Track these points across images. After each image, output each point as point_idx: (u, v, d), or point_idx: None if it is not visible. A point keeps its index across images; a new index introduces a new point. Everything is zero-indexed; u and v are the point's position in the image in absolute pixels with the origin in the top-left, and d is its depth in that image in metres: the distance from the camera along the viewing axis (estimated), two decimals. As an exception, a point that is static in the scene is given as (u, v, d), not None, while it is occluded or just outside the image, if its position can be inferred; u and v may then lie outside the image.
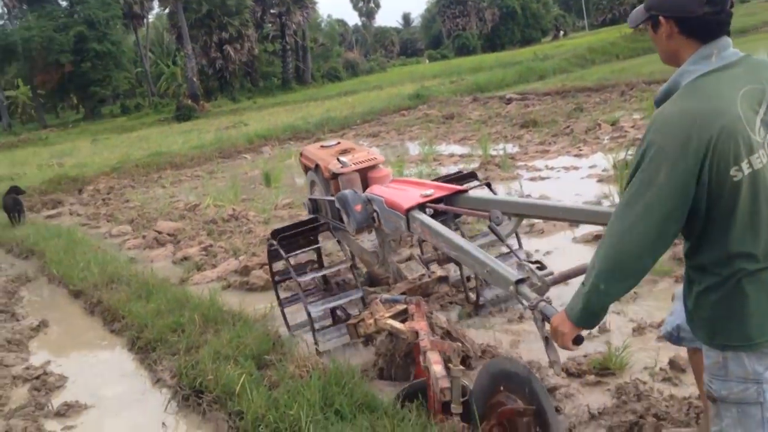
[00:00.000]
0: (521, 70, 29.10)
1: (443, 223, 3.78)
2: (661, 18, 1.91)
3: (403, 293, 3.99)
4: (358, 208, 4.28)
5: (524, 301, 2.61)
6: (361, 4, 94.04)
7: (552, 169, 9.74)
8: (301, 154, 6.03)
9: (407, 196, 3.98)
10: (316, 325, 4.36)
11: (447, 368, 2.85)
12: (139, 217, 10.70)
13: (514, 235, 4.55)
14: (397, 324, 3.36)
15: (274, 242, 4.62)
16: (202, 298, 5.62)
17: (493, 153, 11.60)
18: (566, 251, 6.10)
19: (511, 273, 2.78)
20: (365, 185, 5.02)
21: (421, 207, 3.81)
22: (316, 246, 4.90)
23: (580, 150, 10.61)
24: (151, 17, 63.24)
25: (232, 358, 4.17)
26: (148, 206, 11.88)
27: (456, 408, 2.76)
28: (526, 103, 18.78)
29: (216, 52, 49.34)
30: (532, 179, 9.28)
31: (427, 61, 75.70)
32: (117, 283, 6.50)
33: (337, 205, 4.50)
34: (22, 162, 24.23)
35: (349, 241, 4.99)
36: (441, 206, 3.87)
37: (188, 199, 11.96)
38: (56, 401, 4.44)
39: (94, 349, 5.55)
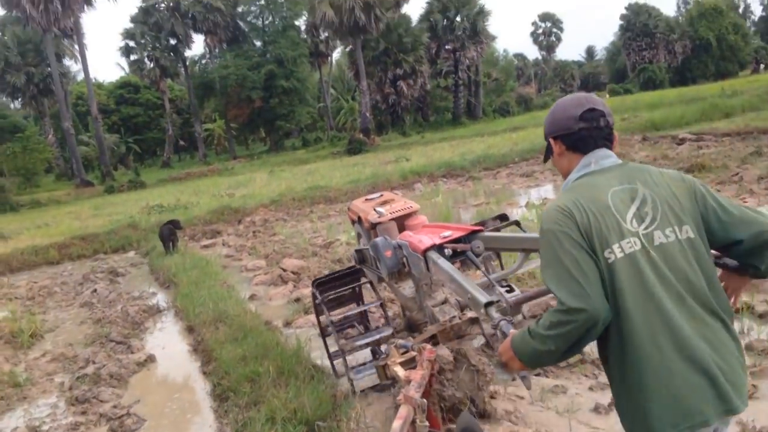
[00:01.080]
0: (704, 107, 26.77)
1: (462, 263, 3.95)
2: (551, 140, 2.22)
3: (433, 336, 3.85)
4: (389, 253, 4.37)
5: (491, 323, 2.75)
6: (541, 38, 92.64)
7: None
8: (348, 209, 6.17)
9: (428, 238, 4.02)
10: (352, 363, 4.76)
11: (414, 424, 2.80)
12: (275, 252, 11.00)
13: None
14: (399, 371, 3.32)
15: (315, 291, 4.89)
16: (289, 346, 5.54)
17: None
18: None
19: (484, 297, 2.94)
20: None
21: (439, 248, 3.83)
22: (350, 287, 5.15)
23: (744, 201, 9.38)
24: (336, 54, 66.76)
25: (285, 421, 3.98)
26: (290, 241, 12.22)
27: None
28: (699, 144, 17.19)
29: (390, 87, 50.82)
30: (680, 232, 8.32)
31: (608, 95, 72.65)
32: (223, 321, 6.61)
33: (371, 252, 4.62)
34: (203, 191, 26.25)
35: (393, 289, 5.10)
36: (457, 245, 3.87)
37: (327, 235, 12.13)
38: (123, 446, 4.52)
39: (183, 390, 5.63)
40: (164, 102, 57.26)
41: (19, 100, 57.29)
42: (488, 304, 2.81)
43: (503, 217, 4.91)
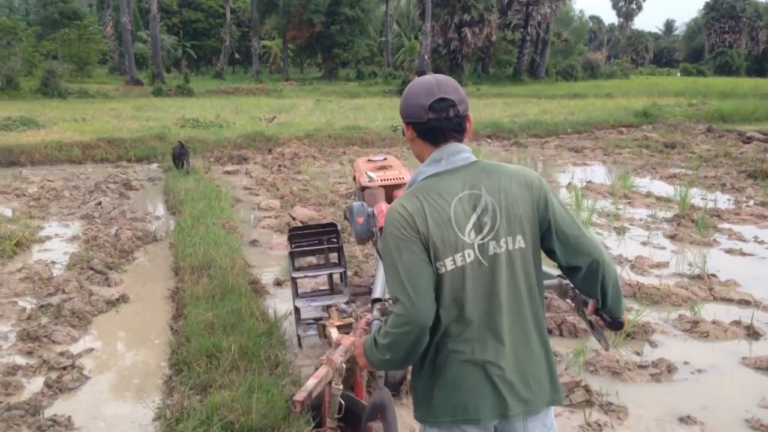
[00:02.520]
0: (780, 104, 25.14)
1: None
2: (404, 124, 2.16)
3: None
4: (361, 220, 4.42)
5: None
6: (621, 3, 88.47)
7: (762, 243, 7.75)
8: (352, 165, 6.19)
9: None
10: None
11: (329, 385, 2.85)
12: (292, 194, 10.37)
13: None
14: (334, 333, 3.29)
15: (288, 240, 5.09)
16: (267, 317, 4.95)
17: (698, 203, 9.70)
18: (726, 373, 4.54)
19: (379, 293, 3.27)
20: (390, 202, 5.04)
21: None
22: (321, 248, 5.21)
23: (804, 227, 8.43)
24: (406, -10, 64.67)
25: (223, 428, 3.40)
26: (313, 182, 11.61)
27: (330, 423, 2.94)
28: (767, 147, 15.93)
29: (454, 33, 48.95)
30: (729, 251, 7.43)
31: (679, 74, 69.57)
32: (208, 271, 6.05)
33: (346, 214, 4.68)
34: (245, 110, 25.67)
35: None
36: None
37: (352, 183, 11.45)
38: (52, 410, 3.99)
39: (143, 347, 5.07)
40: (226, 11, 56.35)
41: (84, -13, 57.04)
42: (375, 300, 3.03)
43: None
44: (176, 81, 42.82)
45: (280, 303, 5.63)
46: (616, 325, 2.16)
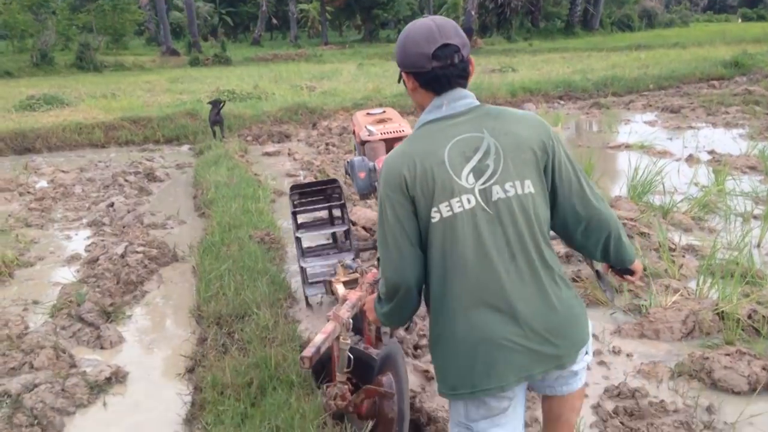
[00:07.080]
0: None
1: None
2: (404, 74, 2.01)
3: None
4: (362, 175, 4.37)
5: None
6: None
7: None
8: (351, 119, 5.94)
9: None
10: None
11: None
12: (346, 184, 8.37)
13: None
14: (340, 289, 3.31)
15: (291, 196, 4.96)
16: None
17: None
18: None
19: None
20: None
21: None
22: (325, 205, 5.06)
23: None
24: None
25: None
26: (369, 166, 9.58)
27: (340, 376, 2.80)
28: None
29: (502, -16, 45.92)
30: None
31: (740, 20, 64.98)
32: (242, 325, 4.13)
33: (347, 170, 4.65)
34: (284, 78, 23.70)
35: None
36: None
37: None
38: None
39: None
40: (261, -25, 54.21)
41: (115, -44, 55.10)
42: None
43: None
44: (213, 50, 41.04)
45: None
46: (626, 272, 2.13)
